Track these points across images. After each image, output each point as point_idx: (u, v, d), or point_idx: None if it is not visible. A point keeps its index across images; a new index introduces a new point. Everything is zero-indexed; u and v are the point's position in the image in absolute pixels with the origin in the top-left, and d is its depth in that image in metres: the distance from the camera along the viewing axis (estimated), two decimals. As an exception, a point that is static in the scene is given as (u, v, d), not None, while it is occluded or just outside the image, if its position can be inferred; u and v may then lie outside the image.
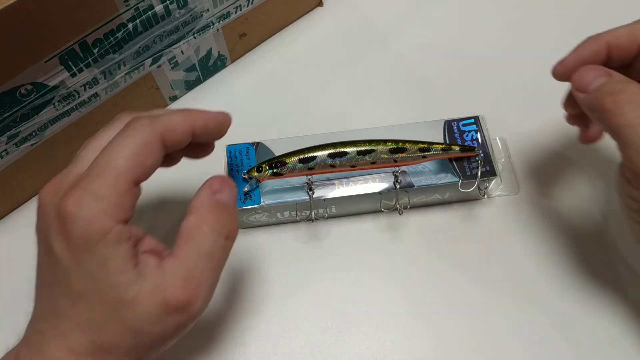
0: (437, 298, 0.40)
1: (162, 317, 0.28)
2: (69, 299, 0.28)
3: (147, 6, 0.37)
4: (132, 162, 0.28)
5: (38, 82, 0.35)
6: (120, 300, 0.27)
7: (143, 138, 0.28)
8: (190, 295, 0.28)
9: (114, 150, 0.28)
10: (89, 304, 0.28)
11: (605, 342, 0.38)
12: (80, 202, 0.27)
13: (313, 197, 0.38)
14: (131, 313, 0.28)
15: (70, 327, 0.28)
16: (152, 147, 0.29)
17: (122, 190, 0.27)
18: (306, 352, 0.38)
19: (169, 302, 0.28)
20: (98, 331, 0.28)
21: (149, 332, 0.28)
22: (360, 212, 0.43)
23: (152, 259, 0.29)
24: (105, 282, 0.27)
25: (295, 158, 0.38)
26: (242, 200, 0.39)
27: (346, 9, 0.54)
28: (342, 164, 0.38)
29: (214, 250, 0.30)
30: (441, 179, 0.40)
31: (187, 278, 0.28)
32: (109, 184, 0.27)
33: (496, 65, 0.50)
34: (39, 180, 0.44)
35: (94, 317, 0.28)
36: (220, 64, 0.50)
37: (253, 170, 0.38)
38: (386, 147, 0.38)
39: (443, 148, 0.39)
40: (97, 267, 0.27)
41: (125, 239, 0.28)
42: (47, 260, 0.28)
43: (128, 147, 0.28)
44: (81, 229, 0.27)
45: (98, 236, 0.27)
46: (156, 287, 0.28)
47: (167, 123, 0.29)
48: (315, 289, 0.41)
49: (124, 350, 0.28)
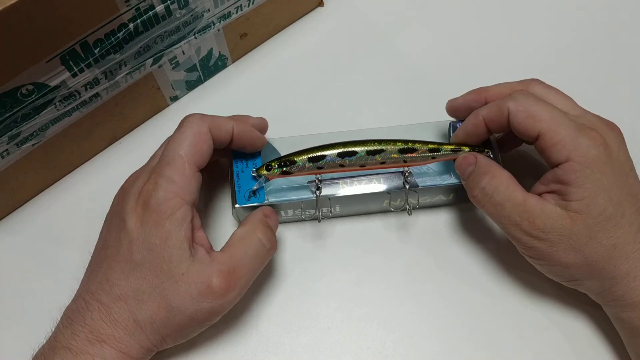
0: (439, 298, 0.40)
1: (201, 298, 0.32)
2: (127, 268, 0.32)
3: (148, 6, 0.37)
4: (192, 149, 0.34)
5: (39, 82, 0.35)
6: (170, 274, 0.32)
7: (197, 129, 0.35)
8: (230, 285, 0.33)
9: (177, 142, 0.34)
10: (142, 274, 0.32)
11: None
12: (156, 184, 0.33)
13: (320, 197, 0.38)
14: (175, 288, 0.32)
15: (116, 298, 0.32)
16: (205, 135, 0.35)
17: (189, 174, 0.34)
18: (307, 352, 0.38)
19: (212, 285, 0.33)
20: (139, 304, 0.32)
21: (184, 311, 0.32)
22: (363, 213, 0.43)
23: (202, 248, 0.34)
24: (162, 255, 0.32)
25: (304, 157, 0.38)
26: (247, 198, 0.39)
27: (347, 8, 0.54)
28: (352, 164, 0.38)
29: (258, 254, 0.35)
30: (445, 180, 0.39)
31: (231, 271, 0.34)
32: (178, 169, 0.33)
33: (501, 66, 0.49)
34: (40, 180, 0.44)
35: (140, 288, 0.32)
36: (221, 64, 0.50)
37: (262, 168, 0.38)
38: (396, 147, 0.38)
39: (453, 149, 0.39)
40: (160, 240, 0.32)
41: (188, 220, 0.33)
42: (115, 235, 0.34)
43: (187, 137, 0.34)
44: (155, 205, 0.32)
45: (168, 212, 0.32)
46: (204, 270, 0.33)
47: (214, 119, 0.36)
48: (316, 288, 0.40)
49: (156, 327, 0.33)
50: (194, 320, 0.33)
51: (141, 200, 0.33)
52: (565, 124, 0.34)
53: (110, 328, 0.32)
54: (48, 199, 0.44)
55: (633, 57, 0.50)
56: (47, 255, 0.42)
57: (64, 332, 0.32)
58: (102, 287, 0.33)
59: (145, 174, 0.35)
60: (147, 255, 0.32)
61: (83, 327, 0.32)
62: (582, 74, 0.50)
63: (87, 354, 0.31)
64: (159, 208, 0.32)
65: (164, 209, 0.32)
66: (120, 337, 0.32)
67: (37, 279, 0.41)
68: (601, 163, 0.33)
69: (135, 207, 0.33)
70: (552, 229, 0.33)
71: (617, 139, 0.35)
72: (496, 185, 0.35)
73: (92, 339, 0.32)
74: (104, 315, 0.32)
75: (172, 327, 0.33)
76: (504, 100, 0.36)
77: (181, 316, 0.33)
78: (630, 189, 0.34)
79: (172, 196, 0.33)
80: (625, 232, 0.33)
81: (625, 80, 0.49)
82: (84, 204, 0.44)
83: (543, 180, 0.36)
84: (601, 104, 0.39)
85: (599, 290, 0.35)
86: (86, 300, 0.33)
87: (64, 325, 0.33)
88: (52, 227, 0.43)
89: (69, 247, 0.42)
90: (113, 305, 0.32)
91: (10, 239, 0.43)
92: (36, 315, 0.37)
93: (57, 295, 0.35)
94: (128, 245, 0.33)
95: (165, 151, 0.34)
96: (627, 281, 0.33)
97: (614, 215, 0.33)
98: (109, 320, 0.32)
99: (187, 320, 0.33)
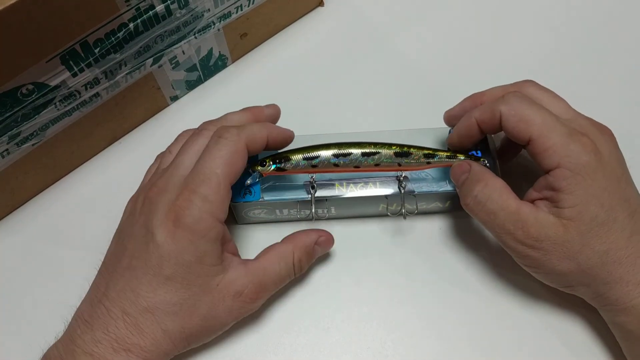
0: (438, 299, 0.40)
1: (233, 304, 0.34)
2: (155, 282, 0.32)
3: (148, 6, 0.37)
4: (228, 169, 0.33)
5: (39, 82, 0.35)
6: (205, 287, 0.33)
7: (235, 146, 0.34)
8: (258, 297, 0.35)
9: (213, 159, 0.33)
10: (172, 288, 0.32)
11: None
12: (191, 202, 0.32)
13: (315, 196, 0.38)
14: (209, 298, 0.33)
15: (143, 310, 0.32)
16: (242, 154, 0.34)
17: (223, 194, 0.33)
18: (307, 352, 0.38)
19: (244, 293, 0.34)
20: (168, 315, 0.33)
21: (216, 317, 0.34)
22: (359, 215, 0.43)
23: (235, 258, 0.35)
24: (196, 272, 0.33)
25: (299, 155, 0.38)
26: (242, 195, 0.39)
27: (347, 8, 0.53)
28: (346, 165, 0.38)
29: (288, 275, 0.37)
30: (442, 187, 0.39)
31: (262, 283, 0.35)
32: (214, 189, 0.33)
33: (501, 66, 0.49)
34: (40, 180, 0.44)
35: (171, 301, 0.33)
36: (221, 63, 0.50)
37: (257, 164, 0.38)
38: (391, 151, 0.38)
39: (448, 155, 0.39)
40: (195, 258, 0.32)
41: (221, 237, 0.33)
42: (142, 246, 0.33)
43: (224, 156, 0.33)
44: (190, 224, 0.32)
45: (203, 232, 0.32)
46: (237, 280, 0.34)
47: (250, 133, 0.35)
48: (317, 288, 0.40)
49: (185, 335, 0.33)
50: (222, 323, 0.35)
51: (172, 214, 0.32)
52: (557, 129, 0.34)
53: (136, 337, 0.32)
54: (48, 199, 0.44)
55: (628, 58, 0.50)
56: (47, 255, 0.42)
57: (83, 337, 0.32)
58: (126, 297, 0.32)
59: (174, 186, 0.34)
60: (179, 270, 0.32)
61: (107, 335, 0.32)
62: (579, 75, 0.50)
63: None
64: (193, 227, 0.32)
65: (197, 228, 0.32)
66: (145, 347, 0.32)
67: (37, 279, 0.41)
68: (591, 169, 0.33)
69: (166, 222, 0.32)
70: (545, 237, 0.33)
71: (608, 144, 0.35)
72: (489, 194, 0.35)
73: (117, 347, 0.32)
74: (129, 325, 0.32)
75: (202, 332, 0.34)
76: (497, 103, 0.36)
77: (214, 321, 0.34)
78: (622, 193, 0.34)
79: (207, 216, 0.32)
80: (617, 238, 0.33)
81: (619, 81, 0.49)
82: (84, 204, 0.44)
83: (536, 187, 0.36)
84: (595, 104, 0.39)
85: (593, 295, 0.35)
86: (107, 308, 0.33)
87: (82, 330, 0.32)
88: (52, 227, 0.43)
89: (69, 247, 0.42)
90: (139, 316, 0.32)
91: (11, 239, 0.43)
92: (36, 315, 0.37)
93: (57, 295, 0.35)
94: (158, 260, 0.32)
95: (200, 167, 0.33)
96: (620, 286, 0.33)
97: (606, 221, 0.33)
98: (136, 331, 0.32)
99: (218, 325, 0.35)
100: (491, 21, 0.53)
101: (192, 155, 0.35)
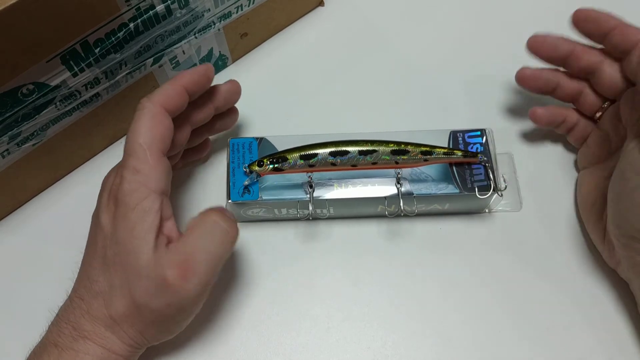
0: (438, 299, 0.40)
1: (159, 293, 0.31)
2: (103, 265, 0.32)
3: (148, 6, 0.37)
4: (150, 135, 0.33)
5: (39, 82, 0.35)
6: (135, 267, 0.31)
7: (149, 112, 0.33)
8: (186, 275, 0.31)
9: (133, 132, 0.33)
10: (114, 269, 0.32)
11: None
12: (122, 177, 0.32)
13: (313, 196, 0.38)
14: (138, 284, 0.31)
15: (95, 294, 0.32)
16: (160, 116, 0.33)
17: (152, 162, 0.32)
18: (307, 352, 0.38)
19: (166, 277, 0.31)
20: (112, 299, 0.32)
21: (149, 306, 0.31)
22: (358, 216, 0.43)
23: (166, 239, 0.33)
24: (128, 248, 0.31)
25: (296, 154, 0.38)
26: (240, 194, 0.39)
27: (348, 8, 0.53)
28: (343, 163, 0.38)
29: (215, 236, 0.33)
30: (441, 189, 0.39)
31: (187, 258, 0.32)
32: (141, 159, 0.32)
33: (502, 66, 0.49)
34: (40, 180, 0.44)
35: (113, 284, 0.32)
36: (221, 63, 0.50)
37: (254, 164, 0.38)
38: (388, 149, 0.38)
39: (445, 152, 0.39)
40: (126, 232, 0.31)
41: (155, 209, 0.32)
42: (92, 233, 0.34)
43: (142, 125, 0.33)
44: (122, 198, 0.32)
45: (134, 203, 0.31)
46: (159, 262, 0.31)
47: (160, 92, 0.34)
48: (317, 288, 0.40)
49: (130, 322, 0.32)
50: (161, 315, 0.32)
51: (112, 196, 0.33)
52: None
53: (90, 324, 0.32)
54: (48, 199, 0.44)
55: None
56: (47, 255, 0.42)
57: (52, 329, 0.33)
58: (84, 284, 0.33)
59: (114, 169, 0.35)
60: (116, 249, 0.32)
61: (67, 324, 0.32)
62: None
63: (71, 350, 0.32)
64: (125, 200, 0.32)
65: (129, 201, 0.31)
66: (101, 333, 0.32)
67: (37, 279, 0.41)
68: None
69: (108, 204, 0.33)
70: None
71: None
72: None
73: (76, 335, 0.32)
74: (84, 312, 0.32)
75: (143, 323, 0.32)
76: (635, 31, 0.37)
77: (147, 311, 0.32)
78: None
79: (138, 186, 0.32)
80: None
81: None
82: (84, 204, 0.44)
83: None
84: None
85: None
86: (71, 298, 0.34)
87: (52, 323, 0.34)
88: (52, 227, 0.43)
89: (69, 247, 0.41)
90: (92, 301, 0.32)
91: (11, 239, 0.43)
92: (36, 315, 0.37)
93: (57, 295, 0.35)
94: (102, 242, 0.33)
95: (126, 144, 0.33)
96: None
97: None
98: (89, 317, 0.32)
99: (155, 316, 0.32)
100: (492, 21, 0.53)
101: None
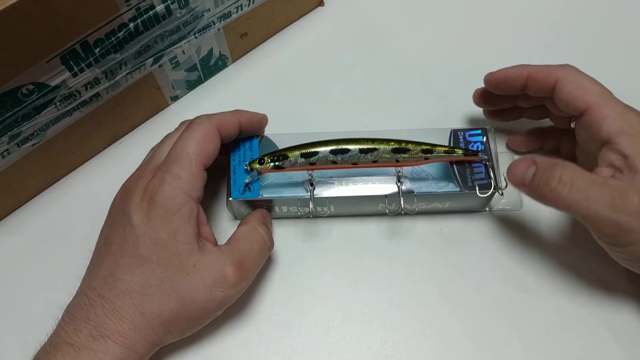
0: (438, 299, 0.40)
1: (214, 287, 0.33)
2: (132, 263, 0.33)
3: (148, 6, 0.37)
4: (199, 148, 0.35)
5: (39, 82, 0.35)
6: (181, 267, 0.33)
7: (205, 129, 0.35)
8: (242, 275, 0.35)
9: (184, 141, 0.35)
10: (149, 268, 0.33)
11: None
12: (163, 180, 0.33)
13: (313, 193, 0.38)
14: (187, 280, 0.33)
15: (120, 292, 0.32)
16: (212, 135, 0.36)
17: (195, 172, 0.34)
18: (307, 352, 0.38)
19: (226, 274, 0.34)
20: (145, 297, 0.32)
21: (196, 300, 0.33)
22: (358, 214, 0.43)
23: (209, 242, 0.35)
24: (171, 250, 0.33)
25: (297, 152, 0.38)
26: (241, 192, 0.39)
27: (348, 8, 0.54)
28: (344, 161, 0.38)
29: (261, 249, 0.37)
30: (441, 188, 0.39)
31: (242, 262, 0.35)
32: (185, 167, 0.34)
33: (503, 66, 0.49)
34: (40, 180, 0.44)
35: (148, 282, 0.33)
36: (221, 63, 0.50)
37: (255, 162, 0.38)
38: (389, 147, 0.38)
39: (446, 150, 0.39)
40: (168, 235, 0.33)
41: (195, 215, 0.34)
42: (120, 231, 0.34)
43: (195, 137, 0.35)
44: (162, 201, 0.33)
45: (175, 209, 0.33)
46: (217, 260, 0.34)
47: (220, 117, 0.37)
48: (317, 288, 0.40)
49: (164, 319, 0.33)
50: (204, 309, 0.34)
51: (147, 196, 0.33)
52: (613, 99, 0.36)
53: (114, 323, 0.32)
54: (48, 199, 0.44)
55: (629, 58, 0.50)
56: (47, 255, 0.42)
57: (65, 328, 0.32)
58: (106, 283, 0.33)
59: (149, 171, 0.35)
60: (154, 249, 0.33)
61: (86, 323, 0.32)
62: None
63: (89, 349, 0.31)
64: (165, 204, 0.33)
65: (170, 205, 0.33)
66: (124, 332, 0.32)
67: (37, 279, 0.41)
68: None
69: (141, 204, 0.33)
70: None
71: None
72: (571, 173, 0.33)
73: (96, 334, 0.32)
74: (107, 310, 0.32)
75: (181, 318, 0.33)
76: (554, 68, 0.37)
77: (193, 305, 0.33)
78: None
79: (179, 192, 0.33)
80: None
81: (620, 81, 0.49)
82: (84, 204, 0.44)
83: (602, 163, 0.35)
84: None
85: None
86: (89, 297, 0.33)
87: (66, 321, 0.33)
88: (53, 227, 0.43)
89: (69, 247, 0.42)
90: (117, 299, 0.32)
91: (11, 239, 0.43)
92: (36, 315, 0.37)
93: (57, 295, 0.35)
94: (134, 241, 0.33)
95: (172, 149, 0.35)
96: None
97: None
98: (113, 315, 0.32)
99: (199, 310, 0.34)
100: (492, 21, 0.53)
101: (170, 145, 0.36)
